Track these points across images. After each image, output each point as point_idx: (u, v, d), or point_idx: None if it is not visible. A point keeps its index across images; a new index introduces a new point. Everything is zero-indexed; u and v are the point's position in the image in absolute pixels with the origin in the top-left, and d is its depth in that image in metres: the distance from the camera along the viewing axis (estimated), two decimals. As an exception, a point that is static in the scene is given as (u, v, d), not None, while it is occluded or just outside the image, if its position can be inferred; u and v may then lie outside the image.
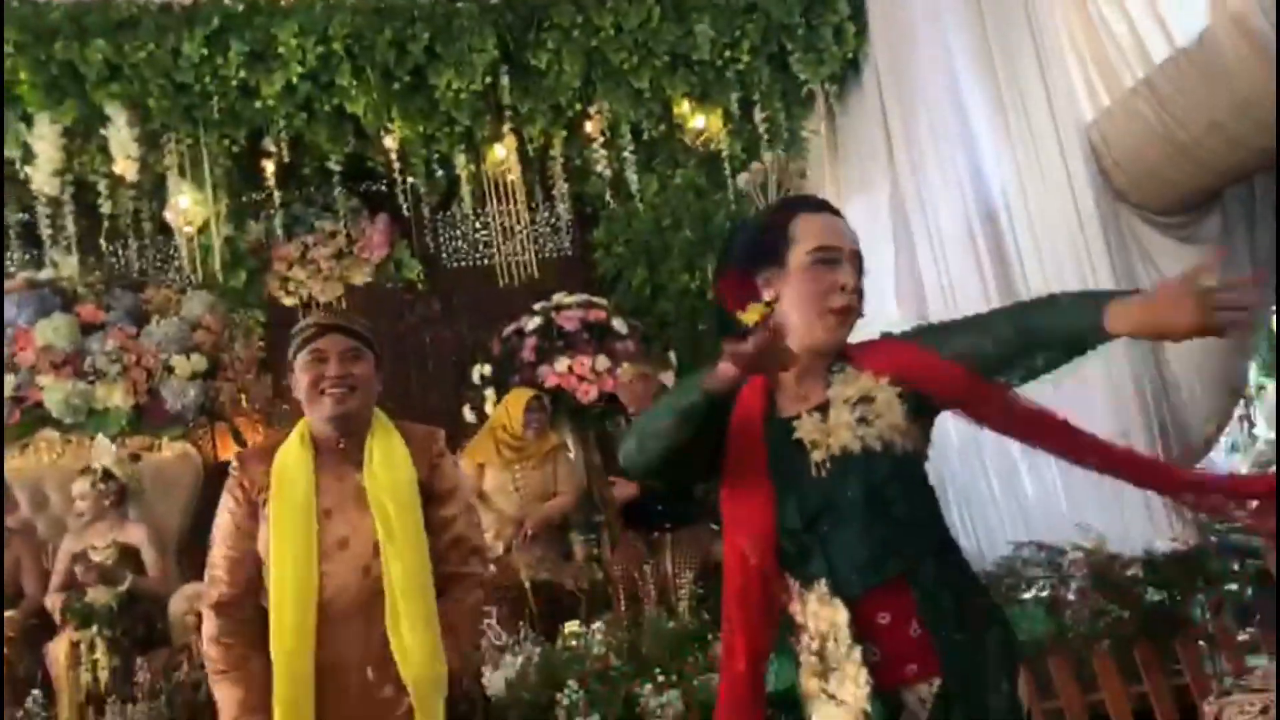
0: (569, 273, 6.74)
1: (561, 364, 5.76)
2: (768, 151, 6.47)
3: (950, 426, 5.89)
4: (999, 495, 5.64)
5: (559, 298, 6.13)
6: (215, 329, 5.70)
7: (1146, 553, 4.30)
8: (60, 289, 5.59)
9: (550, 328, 5.95)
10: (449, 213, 6.84)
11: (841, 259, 1.76)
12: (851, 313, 1.75)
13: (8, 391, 5.25)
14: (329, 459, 2.42)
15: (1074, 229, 4.73)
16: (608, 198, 6.54)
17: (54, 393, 5.26)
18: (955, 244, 5.57)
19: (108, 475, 4.85)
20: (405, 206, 6.32)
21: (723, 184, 6.56)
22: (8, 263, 6.07)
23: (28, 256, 6.08)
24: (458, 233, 6.89)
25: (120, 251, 6.19)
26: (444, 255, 6.87)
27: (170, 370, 5.42)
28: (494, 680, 3.66)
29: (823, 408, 1.74)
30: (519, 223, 6.67)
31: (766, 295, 1.75)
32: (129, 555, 4.72)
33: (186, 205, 5.92)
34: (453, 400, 6.13)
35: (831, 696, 1.68)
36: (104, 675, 4.30)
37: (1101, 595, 4.02)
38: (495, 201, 6.62)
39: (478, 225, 6.82)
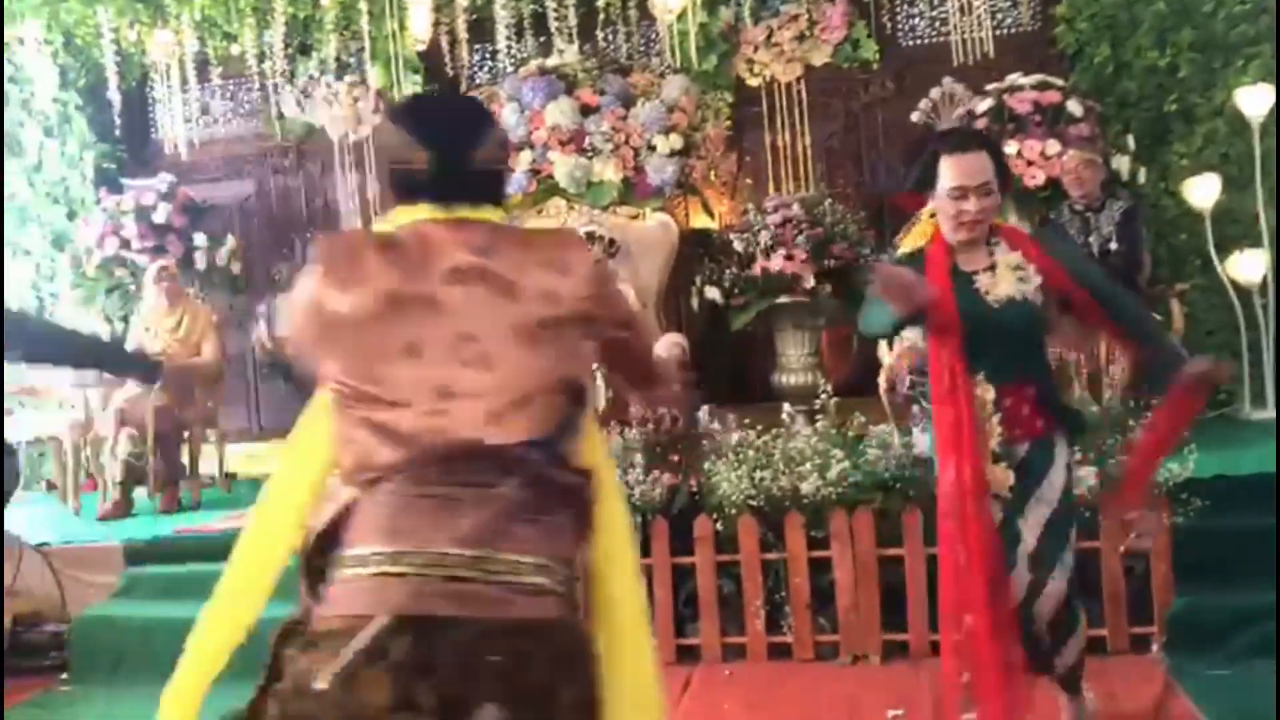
0: (1027, 50, 6.59)
1: (1010, 147, 5.73)
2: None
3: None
4: None
5: (1013, 78, 6.06)
6: (689, 110, 6.39)
7: None
8: (564, 75, 6.49)
9: (1001, 110, 5.94)
10: (908, -11, 6.89)
11: (969, 193, 2.59)
12: (976, 225, 2.62)
13: (525, 165, 6.30)
14: None
15: None
16: (1074, -32, 6.27)
17: (560, 166, 6.24)
18: None
19: (607, 239, 5.77)
20: (865, -13, 6.49)
21: (1205, -51, 6.06)
22: (521, 50, 7.05)
23: (539, 41, 7.00)
24: (915, 10, 6.91)
25: (611, 38, 6.94)
26: (900, 34, 6.92)
27: (652, 149, 6.19)
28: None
29: (992, 268, 2.66)
30: (978, -3, 6.59)
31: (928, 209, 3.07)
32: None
33: (668, -7, 6.52)
34: (903, 184, 6.39)
35: None
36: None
37: None
38: (955, -25, 6.57)
39: (935, 1, 6.81)
